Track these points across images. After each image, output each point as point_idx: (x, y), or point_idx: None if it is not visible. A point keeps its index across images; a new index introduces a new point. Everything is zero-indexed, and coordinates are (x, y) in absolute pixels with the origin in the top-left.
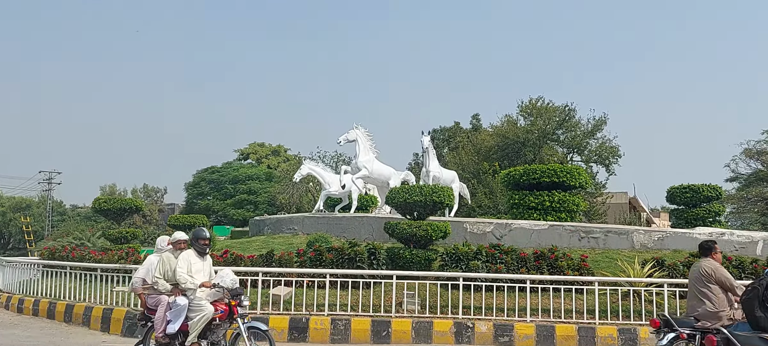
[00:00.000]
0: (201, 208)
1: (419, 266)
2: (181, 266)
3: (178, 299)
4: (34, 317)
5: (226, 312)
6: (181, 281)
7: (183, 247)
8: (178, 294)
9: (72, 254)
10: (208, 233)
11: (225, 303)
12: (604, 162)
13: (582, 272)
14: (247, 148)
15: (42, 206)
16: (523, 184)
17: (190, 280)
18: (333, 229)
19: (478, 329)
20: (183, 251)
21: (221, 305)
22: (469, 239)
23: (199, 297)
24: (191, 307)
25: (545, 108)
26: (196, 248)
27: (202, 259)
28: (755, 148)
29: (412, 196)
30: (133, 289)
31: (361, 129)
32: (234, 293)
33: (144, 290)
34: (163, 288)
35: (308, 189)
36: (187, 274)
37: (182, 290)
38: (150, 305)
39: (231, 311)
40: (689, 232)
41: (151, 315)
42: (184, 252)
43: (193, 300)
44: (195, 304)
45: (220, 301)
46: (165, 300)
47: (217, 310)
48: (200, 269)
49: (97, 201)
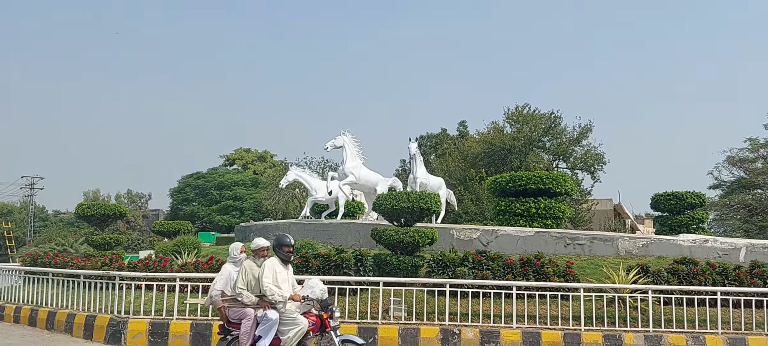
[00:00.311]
0: (186, 214)
1: (406, 273)
2: (266, 276)
3: (268, 312)
4: (16, 324)
5: (318, 324)
6: (269, 293)
7: (265, 255)
8: (267, 307)
9: (54, 261)
10: (292, 240)
11: (315, 315)
12: (590, 169)
13: (568, 278)
14: (232, 153)
15: (24, 211)
16: (510, 191)
17: (279, 292)
18: (319, 235)
19: (464, 336)
20: (265, 259)
21: (311, 316)
22: (455, 246)
23: (290, 310)
24: (283, 320)
25: (531, 115)
26: (280, 256)
27: (286, 267)
28: (738, 156)
29: (399, 202)
30: (213, 302)
31: (348, 135)
32: (324, 305)
33: (224, 302)
34: (248, 300)
35: (294, 195)
36: (273, 285)
37: (270, 303)
38: (232, 318)
39: (322, 323)
40: (673, 239)
41: (232, 328)
42: (268, 261)
43: (284, 313)
44: (287, 317)
45: (308, 312)
46: (251, 313)
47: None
48: (285, 279)
49: (81, 207)
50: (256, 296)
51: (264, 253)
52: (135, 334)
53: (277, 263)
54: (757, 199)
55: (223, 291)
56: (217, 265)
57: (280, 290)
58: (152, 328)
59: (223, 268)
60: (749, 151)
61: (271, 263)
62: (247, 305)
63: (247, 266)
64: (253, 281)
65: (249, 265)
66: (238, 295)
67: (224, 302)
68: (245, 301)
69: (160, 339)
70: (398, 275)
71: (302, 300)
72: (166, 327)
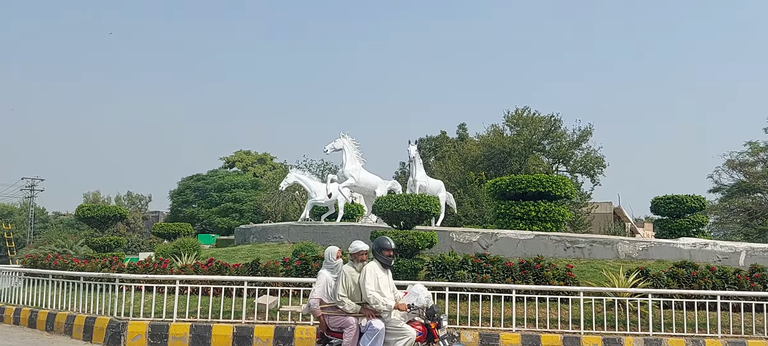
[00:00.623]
0: (186, 216)
1: (405, 276)
2: (369, 282)
3: (374, 322)
4: (15, 325)
5: (425, 334)
6: (374, 301)
7: (364, 259)
8: (371, 316)
9: (55, 262)
10: (392, 243)
11: (421, 324)
12: (589, 172)
13: (567, 281)
14: (232, 156)
15: (24, 212)
16: (509, 194)
17: (383, 300)
18: (319, 238)
19: (464, 339)
20: (365, 264)
21: (417, 325)
22: (455, 249)
23: (396, 319)
24: (389, 330)
25: (531, 118)
26: (380, 260)
27: (386, 272)
28: (738, 159)
29: (399, 205)
30: (312, 310)
31: (348, 138)
32: (430, 313)
33: (324, 310)
34: (349, 308)
35: (294, 197)
36: (376, 291)
37: (373, 311)
38: (332, 326)
39: (429, 332)
40: (673, 242)
41: (331, 337)
42: (368, 266)
43: (390, 322)
44: (393, 327)
45: (413, 322)
46: (353, 322)
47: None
48: (387, 285)
49: (81, 208)
50: (358, 304)
51: (363, 257)
52: (135, 336)
53: (377, 267)
54: (757, 202)
55: (321, 299)
56: (216, 266)
57: (384, 297)
58: (152, 330)
59: (320, 274)
60: (749, 154)
61: (371, 269)
62: (349, 313)
63: (346, 271)
64: (352, 287)
65: (349, 270)
66: (338, 303)
67: (323, 310)
68: (347, 309)
69: (160, 341)
70: (397, 278)
71: (408, 309)
72: (165, 329)
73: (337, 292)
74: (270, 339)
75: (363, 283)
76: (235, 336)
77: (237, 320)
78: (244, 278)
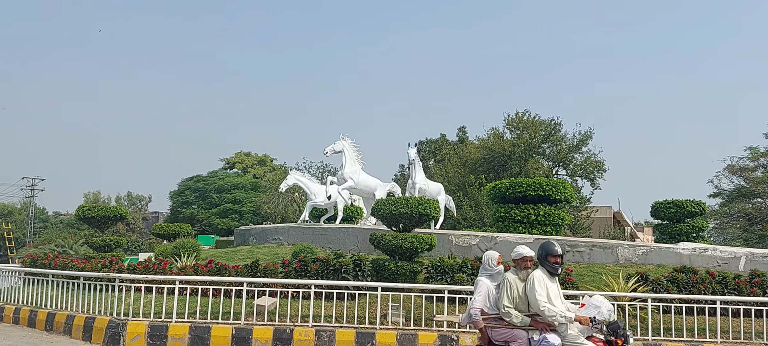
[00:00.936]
0: (186, 216)
1: (404, 278)
2: (539, 292)
3: (549, 336)
4: (15, 325)
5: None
6: (549, 313)
7: (528, 266)
8: (546, 329)
9: (54, 262)
10: (560, 249)
11: (603, 340)
12: (589, 176)
13: (567, 285)
14: (232, 157)
15: (24, 212)
16: (509, 197)
17: (561, 311)
18: (318, 240)
19: (462, 343)
20: (530, 271)
21: (597, 340)
22: (454, 252)
23: (574, 334)
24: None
25: (531, 122)
26: (547, 268)
27: (553, 281)
28: (738, 164)
29: (398, 208)
30: (473, 321)
31: (347, 140)
32: (614, 328)
33: (486, 322)
34: (517, 321)
35: (293, 199)
36: (550, 302)
37: (545, 323)
38: (497, 339)
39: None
40: (673, 247)
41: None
42: (535, 273)
43: (567, 337)
44: (572, 342)
45: (592, 337)
46: (523, 336)
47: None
48: (557, 295)
49: (82, 208)
50: (526, 315)
51: (528, 264)
52: (134, 336)
53: (545, 276)
54: (757, 208)
55: (483, 309)
56: (216, 267)
57: (559, 309)
58: (151, 330)
59: (480, 282)
60: (749, 160)
61: (540, 277)
62: (517, 325)
63: (511, 280)
64: (517, 297)
65: (513, 279)
66: (504, 314)
67: (486, 321)
68: (515, 321)
69: (159, 341)
70: (396, 281)
71: (590, 323)
72: (165, 330)
73: (503, 302)
74: (269, 340)
75: (532, 292)
76: (234, 337)
77: (236, 321)
78: (243, 279)
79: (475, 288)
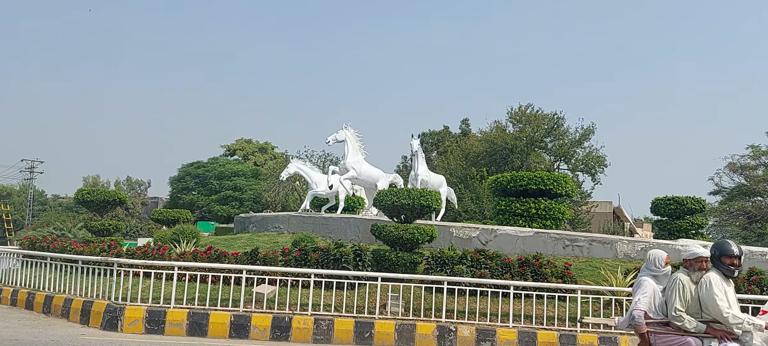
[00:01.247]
0: (185, 203)
1: (404, 269)
2: (720, 297)
3: (730, 345)
4: (12, 307)
5: None
6: (734, 320)
7: (703, 267)
8: (727, 338)
9: (53, 245)
10: (737, 249)
11: None
12: (591, 171)
13: (565, 279)
14: (233, 144)
15: (23, 194)
16: (510, 190)
17: (748, 319)
18: (319, 229)
19: (460, 333)
20: (703, 273)
21: None
22: (454, 244)
23: (758, 344)
24: None
25: (534, 115)
26: (722, 270)
27: (729, 284)
28: (739, 162)
29: (400, 199)
30: (635, 324)
31: (350, 129)
32: None
33: (650, 326)
34: (691, 326)
35: (294, 188)
36: (731, 309)
37: (724, 331)
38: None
39: None
40: (672, 243)
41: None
42: (711, 276)
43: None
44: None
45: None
46: (694, 345)
47: None
48: (734, 301)
49: (81, 192)
50: (700, 321)
51: (703, 265)
52: (132, 320)
53: (720, 278)
54: (756, 206)
55: (647, 312)
56: (215, 254)
57: (749, 317)
58: (149, 315)
59: (645, 283)
60: (751, 158)
61: (717, 280)
62: (689, 332)
63: (683, 281)
64: (690, 301)
65: (686, 280)
66: (675, 319)
67: (650, 326)
68: (687, 327)
69: (157, 326)
70: (397, 271)
71: None
72: (163, 315)
73: (674, 305)
74: (267, 328)
75: (709, 296)
76: (233, 324)
77: (235, 309)
78: (242, 267)
79: (638, 288)
